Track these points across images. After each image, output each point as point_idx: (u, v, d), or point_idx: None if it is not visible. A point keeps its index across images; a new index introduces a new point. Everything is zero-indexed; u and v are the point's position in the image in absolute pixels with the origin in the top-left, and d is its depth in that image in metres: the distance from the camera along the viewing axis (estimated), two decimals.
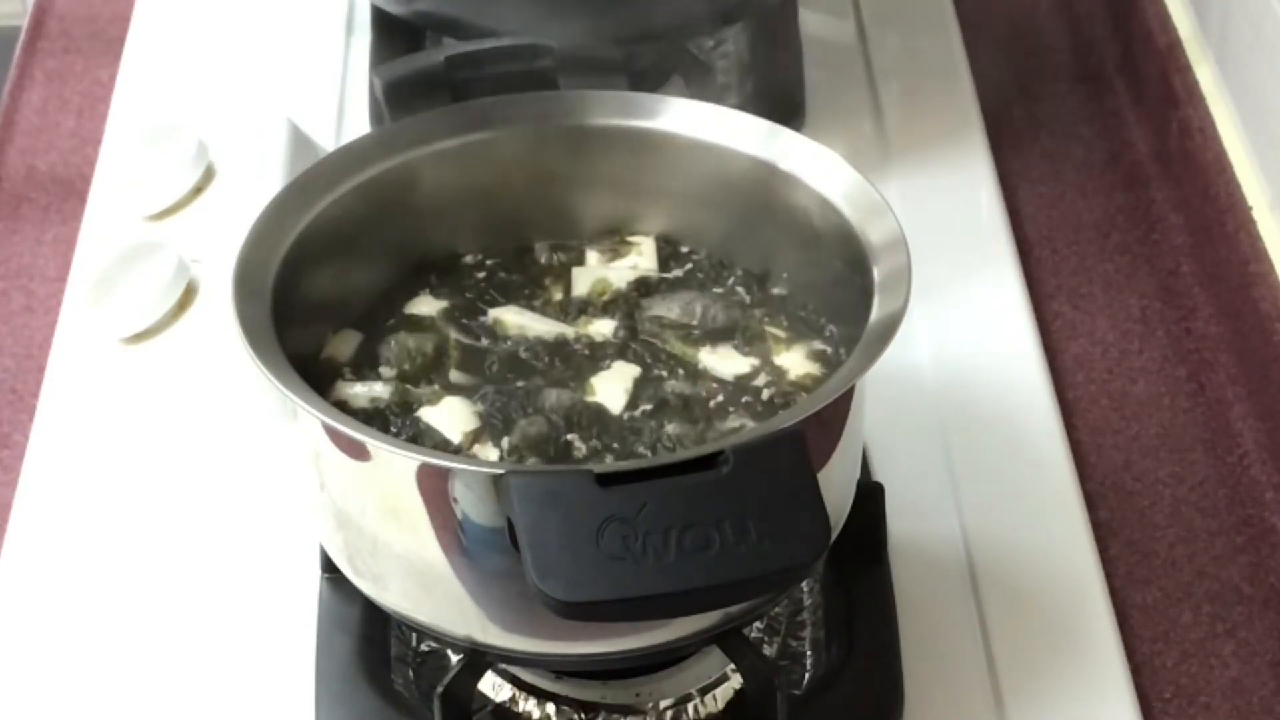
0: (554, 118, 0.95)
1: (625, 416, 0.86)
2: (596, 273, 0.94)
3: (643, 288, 0.93)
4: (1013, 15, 1.36)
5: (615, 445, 0.85)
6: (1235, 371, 1.08)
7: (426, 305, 0.93)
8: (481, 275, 0.95)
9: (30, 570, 0.99)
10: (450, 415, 0.86)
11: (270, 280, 0.87)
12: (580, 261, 0.95)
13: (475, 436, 0.86)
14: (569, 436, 0.85)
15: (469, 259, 0.96)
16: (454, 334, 0.91)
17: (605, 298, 0.93)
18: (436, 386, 0.88)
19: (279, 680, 0.93)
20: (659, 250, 0.96)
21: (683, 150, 0.94)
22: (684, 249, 0.96)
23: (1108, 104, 1.28)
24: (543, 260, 0.96)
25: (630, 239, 0.96)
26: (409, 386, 0.88)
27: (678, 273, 0.95)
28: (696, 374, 0.89)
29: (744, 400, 0.88)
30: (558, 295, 0.94)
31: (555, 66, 0.98)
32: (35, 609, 0.98)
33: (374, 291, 0.93)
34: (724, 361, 0.90)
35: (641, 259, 0.95)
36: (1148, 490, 1.03)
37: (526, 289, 0.94)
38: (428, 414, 0.86)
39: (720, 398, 0.88)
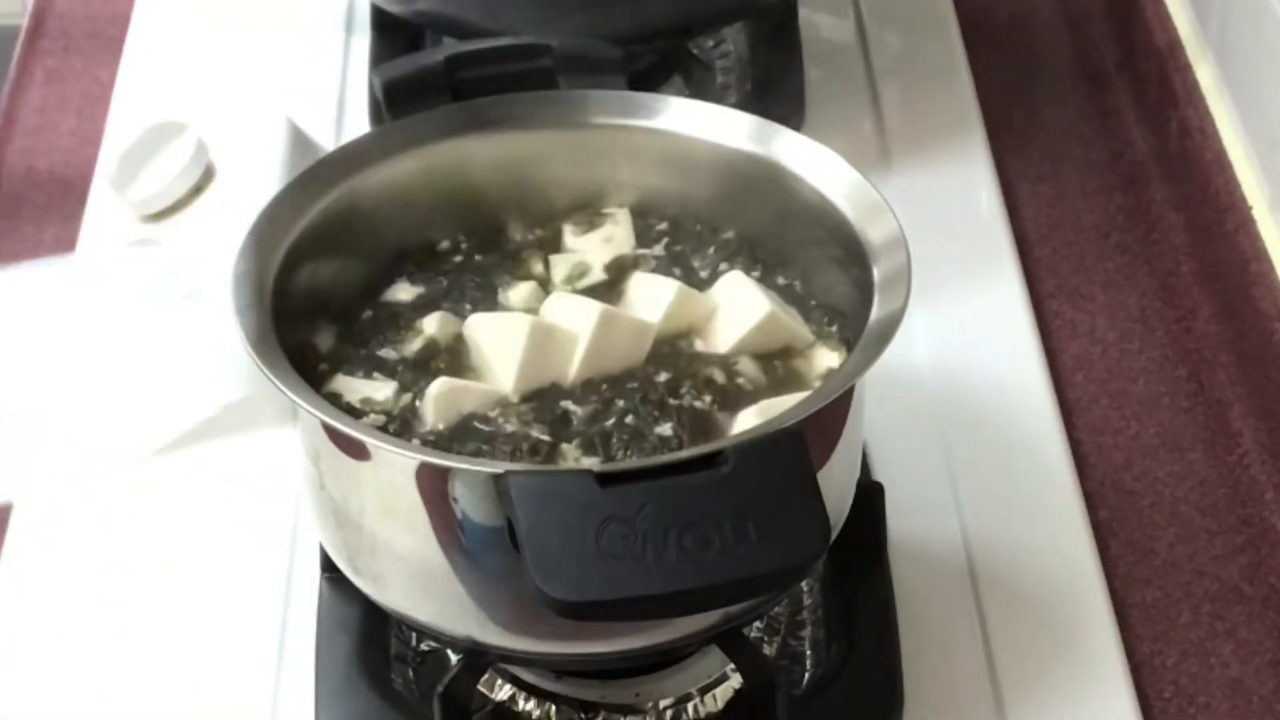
0: (553, 117, 0.95)
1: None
2: (573, 257, 0.94)
3: (619, 270, 0.93)
4: (1013, 15, 1.36)
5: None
6: (1235, 371, 1.08)
7: (404, 293, 0.93)
8: (459, 259, 0.95)
9: (30, 570, 0.99)
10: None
11: (270, 279, 0.87)
12: (556, 237, 0.95)
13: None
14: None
15: (444, 244, 0.95)
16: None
17: (584, 283, 0.93)
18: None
19: (279, 680, 0.93)
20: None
21: (682, 150, 0.94)
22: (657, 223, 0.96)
23: (1108, 104, 1.28)
24: (518, 238, 0.96)
25: (605, 210, 0.96)
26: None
27: (657, 250, 0.95)
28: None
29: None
30: (538, 268, 0.94)
31: (555, 66, 0.97)
32: (35, 608, 0.98)
33: (370, 287, 0.93)
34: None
35: (618, 229, 0.95)
36: (1148, 490, 1.03)
37: (508, 267, 0.94)
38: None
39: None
